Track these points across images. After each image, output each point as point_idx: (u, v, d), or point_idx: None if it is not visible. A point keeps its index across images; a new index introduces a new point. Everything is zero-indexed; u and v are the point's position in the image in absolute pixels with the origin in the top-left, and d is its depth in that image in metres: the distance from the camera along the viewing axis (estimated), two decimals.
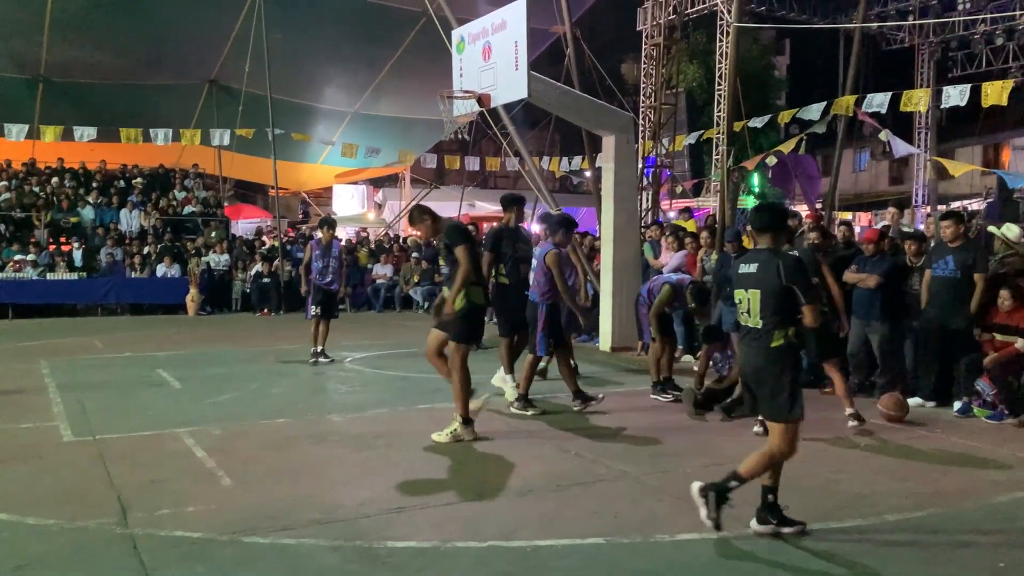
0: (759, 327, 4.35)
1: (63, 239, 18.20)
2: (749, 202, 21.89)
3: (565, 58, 14.66)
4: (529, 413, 7.25)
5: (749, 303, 4.39)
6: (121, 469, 5.42)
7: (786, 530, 4.29)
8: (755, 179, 20.17)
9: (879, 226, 12.43)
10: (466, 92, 10.80)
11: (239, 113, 20.45)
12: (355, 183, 31.29)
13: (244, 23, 19.50)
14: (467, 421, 6.30)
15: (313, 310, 10.36)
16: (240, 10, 19.33)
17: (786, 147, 15.49)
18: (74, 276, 16.95)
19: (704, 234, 10.82)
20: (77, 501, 4.77)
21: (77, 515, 4.51)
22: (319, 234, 10.63)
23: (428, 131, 25.04)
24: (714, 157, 21.96)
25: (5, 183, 19.97)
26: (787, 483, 4.44)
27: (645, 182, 17.41)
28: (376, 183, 32.59)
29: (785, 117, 16.50)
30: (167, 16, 19.42)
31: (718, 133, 17.46)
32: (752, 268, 4.41)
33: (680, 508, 4.59)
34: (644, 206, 16.96)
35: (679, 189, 24.05)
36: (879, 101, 13.93)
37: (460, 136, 11.82)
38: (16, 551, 4.04)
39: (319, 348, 10.31)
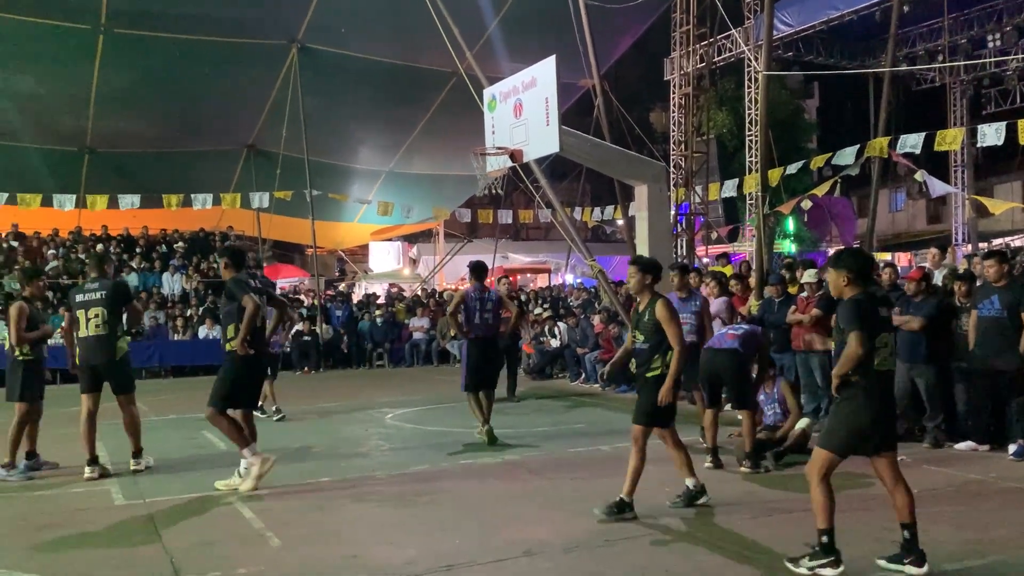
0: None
1: None
2: (784, 246, 21.78)
3: (594, 110, 14.88)
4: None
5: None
6: (172, 531, 5.48)
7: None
8: (790, 223, 20.09)
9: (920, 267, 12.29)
10: (499, 148, 11.01)
11: (277, 176, 20.97)
12: (390, 240, 31.72)
13: (280, 90, 20.12)
14: None
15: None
16: (276, 77, 19.96)
17: (820, 190, 15.48)
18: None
19: (732, 282, 10.76)
20: (131, 564, 4.83)
21: None
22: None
23: (460, 186, 25.41)
24: (748, 202, 21.94)
25: (53, 251, 20.61)
26: (841, 530, 4.36)
27: (679, 229, 17.44)
28: (410, 239, 33.00)
29: (819, 162, 16.50)
30: (206, 86, 20.11)
31: (755, 188, 17.43)
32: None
33: (730, 562, 4.50)
34: (679, 253, 16.96)
35: (714, 235, 24.00)
36: (912, 142, 13.88)
37: (493, 190, 12.06)
38: None
39: (268, 406, 10.64)
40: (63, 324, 8.65)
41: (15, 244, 20.73)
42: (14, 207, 19.99)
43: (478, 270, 9.11)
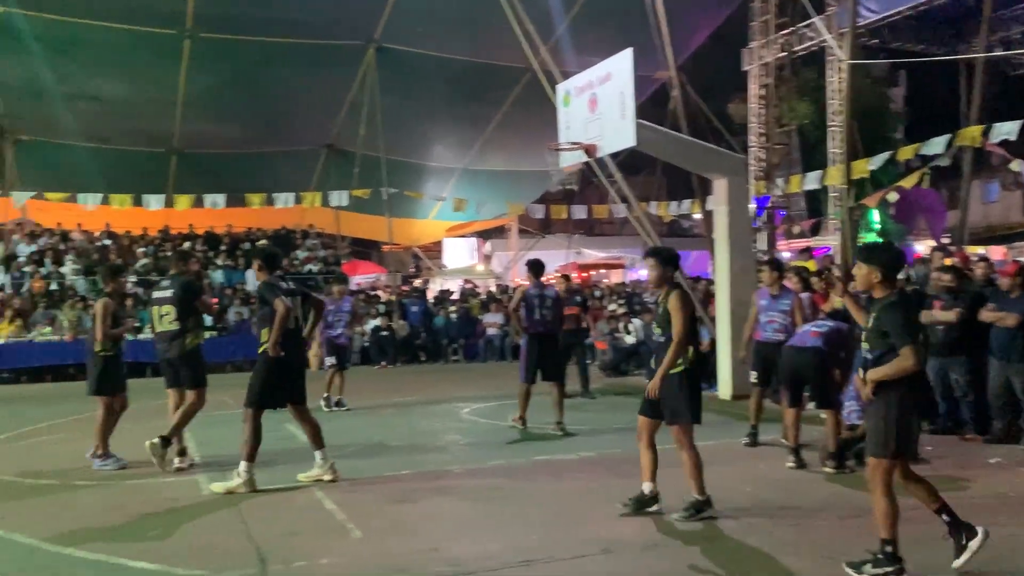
0: None
1: None
2: (869, 239, 21.08)
3: (670, 102, 14.66)
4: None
5: None
6: (257, 522, 5.63)
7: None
8: (875, 216, 19.42)
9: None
10: (574, 144, 10.94)
11: (355, 175, 21.37)
12: (464, 236, 31.95)
13: (358, 90, 20.50)
14: None
15: (329, 361, 11.38)
16: (354, 78, 20.34)
17: (908, 182, 14.91)
18: (206, 335, 17.88)
19: (814, 278, 10.45)
20: (219, 553, 4.98)
21: (221, 566, 4.70)
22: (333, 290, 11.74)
23: (534, 182, 25.44)
24: (831, 195, 21.31)
25: (143, 249, 21.47)
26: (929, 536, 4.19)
27: (759, 223, 17.06)
28: (484, 235, 33.17)
29: (906, 153, 15.87)
30: (287, 87, 20.62)
31: (839, 181, 16.89)
32: None
33: (816, 563, 4.38)
34: (759, 248, 16.59)
35: (796, 229, 23.37)
36: (1008, 130, 13.23)
37: (567, 186, 11.96)
38: None
39: (333, 396, 11.07)
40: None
41: (108, 242, 21.67)
42: (107, 207, 20.88)
43: (536, 267, 9.33)
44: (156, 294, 7.69)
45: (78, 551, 5.04)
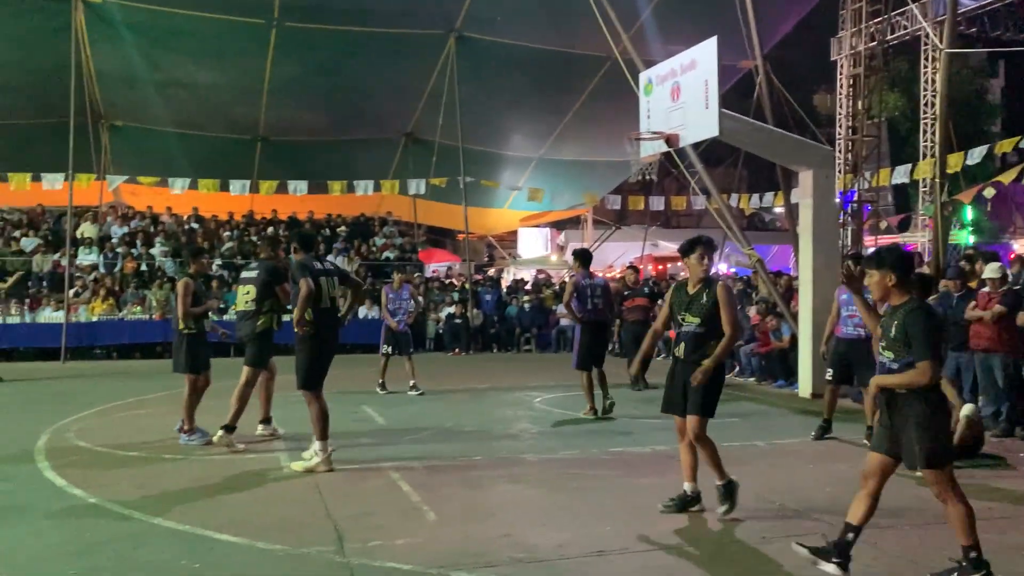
0: None
1: None
2: (960, 237, 20.25)
3: (754, 92, 14.32)
4: None
5: None
6: (335, 500, 5.74)
7: None
8: (968, 212, 18.62)
9: None
10: (655, 133, 10.80)
11: (432, 163, 21.56)
12: (538, 226, 31.93)
13: (438, 78, 20.63)
14: None
15: (384, 348, 11.60)
16: (434, 67, 20.48)
17: (1006, 177, 14.24)
18: (287, 318, 18.33)
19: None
20: (298, 529, 5.10)
21: (300, 542, 4.81)
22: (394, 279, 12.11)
23: (610, 172, 25.20)
24: (921, 190, 20.52)
25: (229, 233, 22.13)
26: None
27: (844, 217, 16.55)
28: (558, 225, 33.09)
29: (1004, 147, 15.14)
30: (368, 76, 20.90)
31: (931, 175, 16.21)
32: None
33: (899, 565, 4.23)
34: (844, 243, 16.10)
35: (883, 225, 22.59)
36: None
37: (647, 176, 11.82)
38: (250, 573, 4.38)
39: (381, 380, 11.45)
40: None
41: (196, 226, 22.42)
42: (195, 191, 21.57)
43: (583, 257, 9.59)
44: (243, 274, 8.15)
45: (165, 521, 5.24)
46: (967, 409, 7.01)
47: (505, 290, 22.10)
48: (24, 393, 8.94)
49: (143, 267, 19.90)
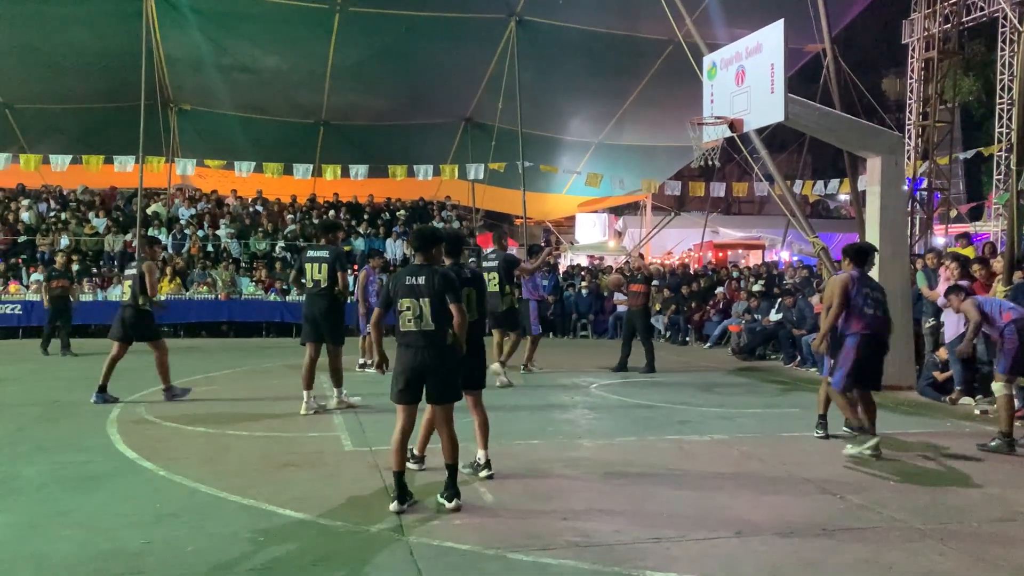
0: None
1: None
2: None
3: (821, 76, 13.97)
4: None
5: None
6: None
7: None
8: None
9: None
10: (718, 118, 10.64)
11: (491, 148, 21.59)
12: (596, 212, 31.77)
13: (498, 63, 20.62)
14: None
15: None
16: (494, 51, 20.46)
17: None
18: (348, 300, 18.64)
19: (975, 266, 9.80)
20: (359, 506, 5.21)
21: (360, 519, 4.92)
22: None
23: (671, 158, 24.91)
24: (995, 177, 19.80)
25: (292, 215, 22.55)
26: None
27: (914, 206, 16.08)
28: (616, 211, 32.86)
29: None
30: (429, 60, 21.00)
31: (999, 151, 15.66)
32: None
33: (965, 563, 4.12)
34: (913, 232, 15.65)
35: (953, 213, 21.89)
36: None
37: (709, 162, 11.65)
38: (312, 548, 4.49)
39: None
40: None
41: (260, 209, 22.90)
42: (260, 175, 22.01)
43: (859, 255, 8.66)
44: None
45: (232, 495, 5.40)
46: (995, 387, 7.24)
47: (562, 275, 22.06)
48: (96, 368, 9.27)
49: (209, 248, 20.42)
